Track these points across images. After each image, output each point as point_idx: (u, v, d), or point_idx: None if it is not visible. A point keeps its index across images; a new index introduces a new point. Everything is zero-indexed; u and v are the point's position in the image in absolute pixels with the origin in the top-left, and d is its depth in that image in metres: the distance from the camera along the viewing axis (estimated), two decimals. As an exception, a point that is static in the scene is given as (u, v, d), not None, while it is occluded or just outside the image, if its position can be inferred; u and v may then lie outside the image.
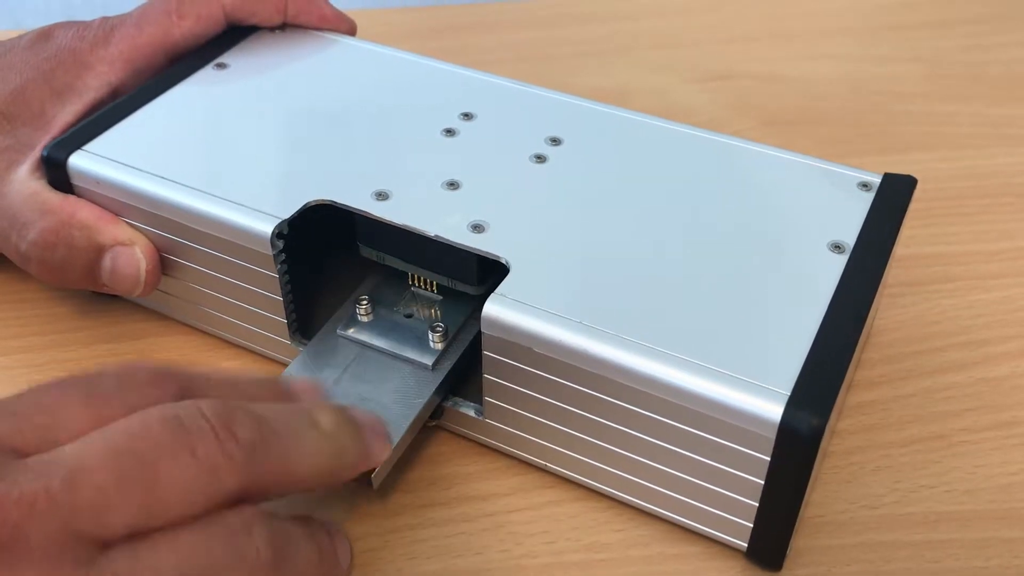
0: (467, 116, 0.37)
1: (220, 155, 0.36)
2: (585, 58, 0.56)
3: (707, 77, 0.54)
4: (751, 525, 0.29)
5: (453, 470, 0.33)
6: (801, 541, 0.31)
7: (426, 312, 0.35)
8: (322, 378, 0.33)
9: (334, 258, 0.38)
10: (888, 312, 0.39)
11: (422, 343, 0.34)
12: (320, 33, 0.43)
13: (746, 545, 0.29)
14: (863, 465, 0.33)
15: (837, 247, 0.31)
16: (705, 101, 0.52)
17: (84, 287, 0.36)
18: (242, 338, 0.37)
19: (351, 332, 0.34)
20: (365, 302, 0.34)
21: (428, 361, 0.33)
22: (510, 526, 0.31)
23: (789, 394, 0.26)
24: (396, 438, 0.30)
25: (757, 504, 0.28)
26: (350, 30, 0.43)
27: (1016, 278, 0.41)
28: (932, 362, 0.37)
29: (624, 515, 0.32)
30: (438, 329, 0.33)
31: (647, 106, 0.52)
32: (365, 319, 0.34)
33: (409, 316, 0.35)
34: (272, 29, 0.43)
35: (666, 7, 0.61)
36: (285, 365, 0.36)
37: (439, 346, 0.33)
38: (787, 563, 0.30)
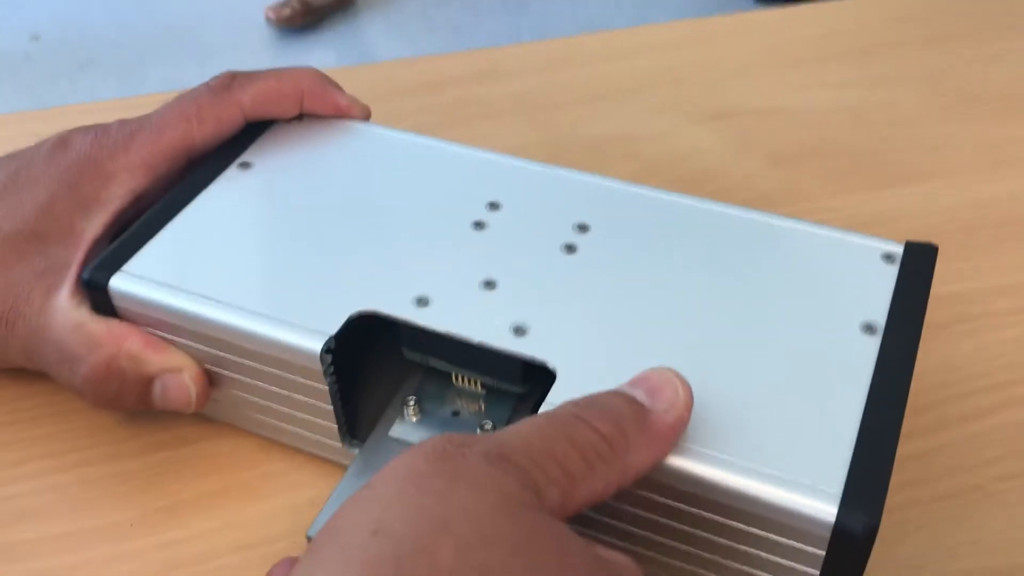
0: (493, 206, 0.38)
1: (257, 267, 0.36)
2: (587, 104, 0.57)
3: (710, 116, 0.55)
4: (809, 607, 0.30)
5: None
6: (852, 607, 0.32)
7: (472, 407, 0.36)
8: None
9: (378, 358, 0.39)
10: (914, 360, 0.40)
11: None
12: (337, 121, 0.44)
13: (804, 624, 0.31)
14: (905, 524, 0.35)
15: (869, 328, 0.32)
16: (712, 143, 0.53)
17: (137, 409, 0.37)
18: (293, 441, 0.38)
19: (402, 435, 0.35)
20: (412, 403, 0.36)
21: None
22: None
23: (841, 494, 0.27)
24: None
25: (814, 590, 0.29)
26: (365, 115, 0.44)
27: (1032, 313, 0.42)
28: (960, 409, 0.38)
29: (682, 596, 0.33)
30: (487, 427, 0.34)
31: (656, 152, 0.53)
32: (414, 419, 0.36)
33: (456, 414, 0.36)
34: (289, 120, 0.43)
35: (661, 42, 0.62)
36: (336, 464, 0.37)
37: None
38: (842, 634, 0.31)
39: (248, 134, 0.42)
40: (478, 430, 0.34)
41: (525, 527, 0.24)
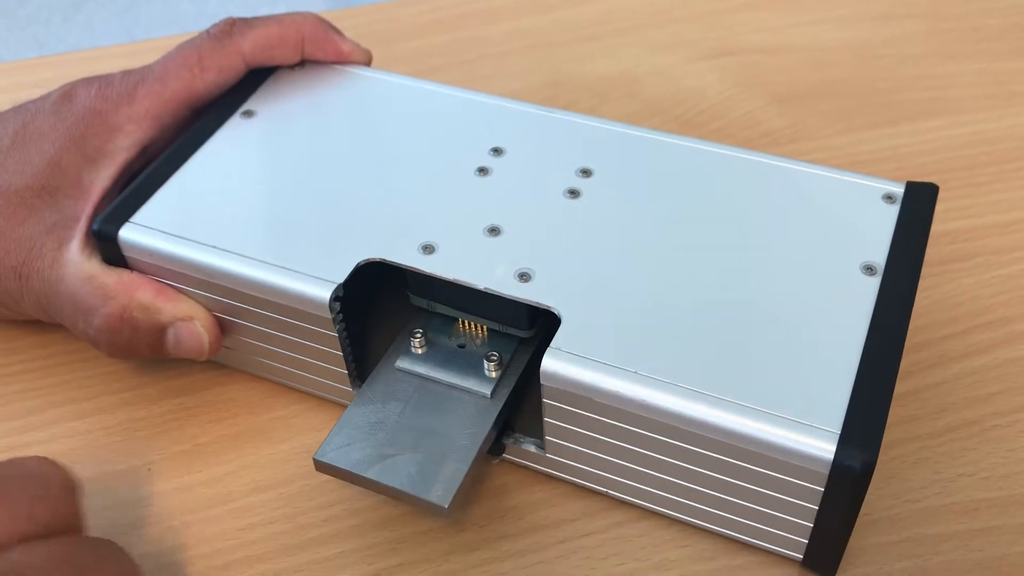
0: (497, 152, 0.39)
1: (264, 215, 0.37)
2: (590, 42, 0.57)
3: (713, 53, 0.55)
4: (806, 541, 0.31)
5: (520, 500, 0.35)
6: (851, 540, 0.33)
7: (478, 340, 0.36)
8: (387, 411, 0.35)
9: (385, 301, 0.39)
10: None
11: (478, 372, 0.35)
12: (339, 67, 0.44)
13: (801, 556, 0.32)
14: (903, 459, 0.36)
15: (869, 268, 0.33)
16: (714, 80, 0.53)
17: (152, 358, 0.38)
18: (304, 385, 0.38)
19: (408, 365, 0.36)
20: (419, 335, 0.36)
21: (487, 390, 0.35)
22: (583, 551, 0.34)
23: (839, 433, 0.28)
24: (465, 467, 0.32)
25: (812, 524, 0.30)
26: (367, 61, 0.44)
27: (1032, 249, 0.42)
28: (959, 346, 0.39)
29: (686, 530, 0.34)
30: (493, 358, 0.35)
31: (658, 91, 0.53)
32: (420, 351, 0.36)
33: (462, 346, 0.36)
34: (291, 67, 0.43)
35: (664, -23, 0.61)
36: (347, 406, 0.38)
37: (495, 375, 0.35)
38: (840, 565, 0.33)
39: (250, 82, 0.42)
40: (484, 361, 0.35)
41: None
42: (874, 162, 0.47)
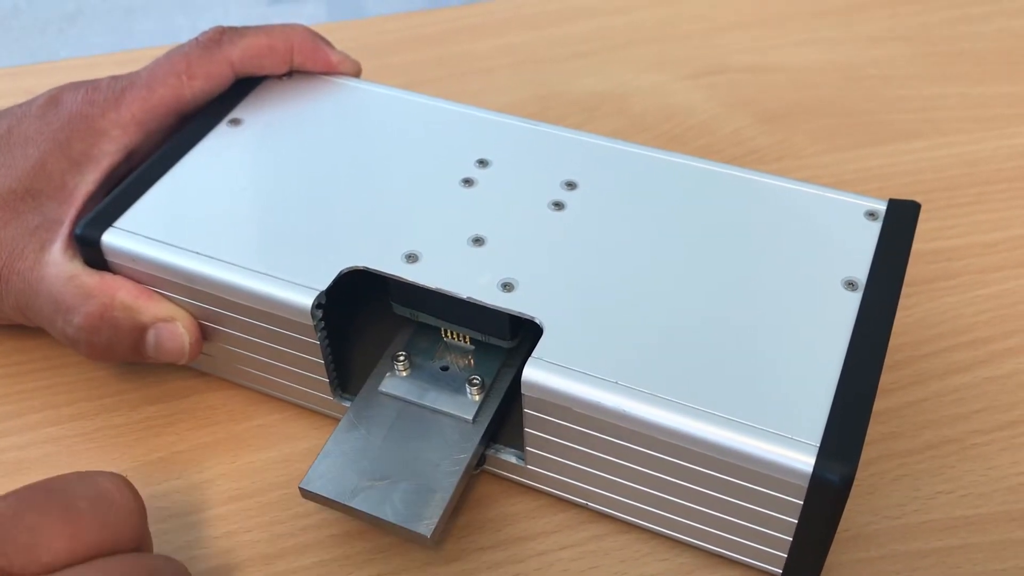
0: (482, 163, 0.39)
1: (248, 222, 0.37)
2: (580, 59, 0.57)
3: (701, 72, 0.55)
4: (785, 555, 0.31)
5: (499, 511, 0.35)
6: (830, 556, 0.33)
7: (461, 362, 0.36)
8: (371, 438, 0.34)
9: (368, 311, 0.39)
10: (895, 315, 0.41)
11: (461, 396, 0.35)
12: (327, 78, 0.44)
13: (780, 571, 0.32)
14: (883, 475, 0.36)
15: (850, 284, 0.33)
16: (702, 99, 0.53)
17: (131, 361, 0.38)
18: (285, 394, 0.38)
19: (391, 390, 0.36)
20: (402, 358, 0.36)
21: (468, 415, 0.35)
22: (560, 564, 0.34)
23: (819, 445, 0.28)
24: (448, 496, 0.32)
25: (791, 538, 0.30)
26: (356, 72, 0.44)
27: (1014, 270, 0.43)
28: (940, 364, 0.39)
29: (665, 544, 0.34)
30: (475, 382, 0.35)
31: (647, 107, 0.53)
32: (403, 374, 0.36)
33: (445, 369, 0.36)
34: (280, 77, 0.44)
35: (653, -3, 0.61)
36: (327, 417, 0.38)
37: (477, 398, 0.35)
38: (820, 581, 0.32)
39: (238, 90, 0.43)
40: (466, 386, 0.35)
41: None
42: (858, 181, 0.47)
